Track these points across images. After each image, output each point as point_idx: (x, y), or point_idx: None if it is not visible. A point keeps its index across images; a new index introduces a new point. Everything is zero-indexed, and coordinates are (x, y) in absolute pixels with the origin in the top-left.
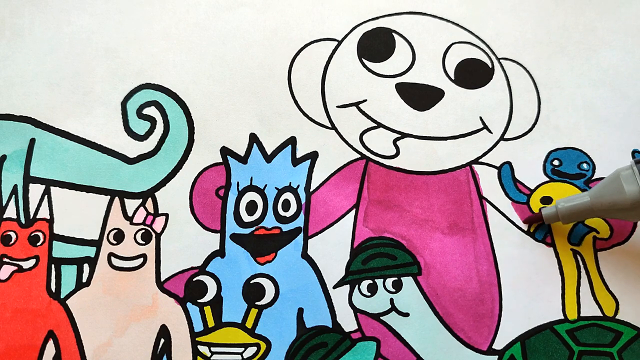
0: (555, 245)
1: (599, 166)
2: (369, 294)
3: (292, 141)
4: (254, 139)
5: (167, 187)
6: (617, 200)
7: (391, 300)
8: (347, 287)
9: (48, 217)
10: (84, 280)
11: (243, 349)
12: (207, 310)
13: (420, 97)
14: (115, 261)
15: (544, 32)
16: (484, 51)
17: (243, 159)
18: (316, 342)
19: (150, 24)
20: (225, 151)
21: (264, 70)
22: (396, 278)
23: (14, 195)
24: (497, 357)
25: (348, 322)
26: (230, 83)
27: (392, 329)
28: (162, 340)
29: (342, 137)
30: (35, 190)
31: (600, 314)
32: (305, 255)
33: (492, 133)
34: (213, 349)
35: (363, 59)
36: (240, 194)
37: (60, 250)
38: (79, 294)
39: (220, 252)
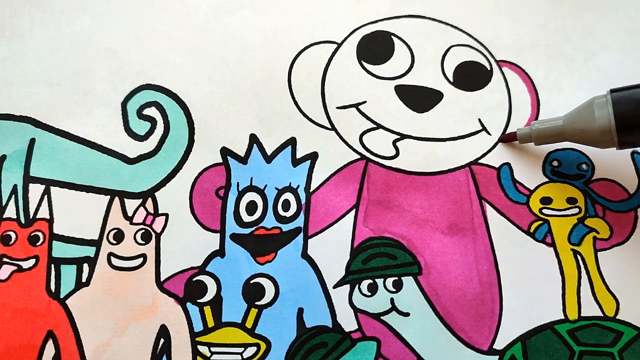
0: (556, 245)
1: (598, 167)
2: (369, 294)
3: (292, 142)
4: (254, 139)
5: (167, 187)
6: (588, 127)
7: (391, 300)
8: (347, 287)
9: (48, 217)
10: (84, 280)
11: (243, 349)
12: (207, 310)
13: (419, 99)
14: (115, 261)
15: (542, 35)
16: (482, 54)
17: (243, 160)
18: (316, 342)
19: (150, 25)
20: (225, 151)
21: (264, 72)
22: (396, 278)
23: (13, 195)
24: (497, 357)
25: (348, 322)
26: (231, 84)
27: (393, 329)
28: (162, 340)
29: (342, 138)
30: (35, 190)
31: (600, 314)
32: (305, 255)
33: (490, 134)
34: (213, 349)
35: (362, 62)
36: (240, 194)
37: (60, 250)
38: (78, 294)
39: (220, 252)
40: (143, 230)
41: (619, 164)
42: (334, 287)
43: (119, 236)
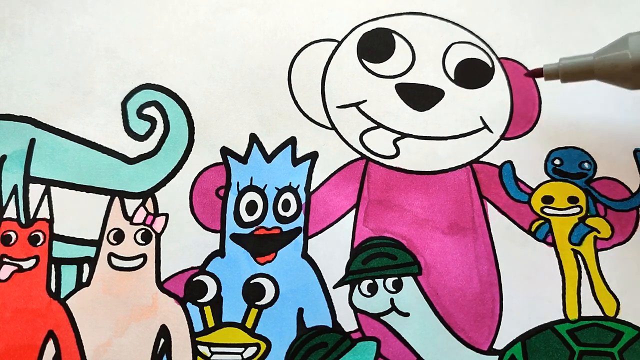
0: (556, 245)
1: (600, 165)
2: (369, 294)
3: (292, 141)
4: (254, 139)
5: (167, 187)
6: (620, 62)
7: (391, 300)
8: (347, 287)
9: (48, 217)
10: (84, 280)
11: (243, 349)
12: (207, 310)
13: (420, 97)
14: (115, 261)
15: (545, 32)
16: (484, 51)
17: (243, 159)
18: (316, 342)
19: (150, 24)
20: (225, 151)
21: (264, 71)
22: (396, 278)
23: (14, 195)
24: (497, 357)
25: (348, 322)
26: (231, 83)
27: (393, 329)
28: (162, 340)
29: (342, 137)
30: (35, 190)
31: (601, 314)
32: (305, 255)
33: (492, 132)
34: (213, 349)
35: (363, 60)
36: (240, 194)
37: (60, 250)
38: (78, 294)
39: (220, 252)
40: (143, 230)
41: (621, 162)
42: (334, 287)
43: (119, 236)
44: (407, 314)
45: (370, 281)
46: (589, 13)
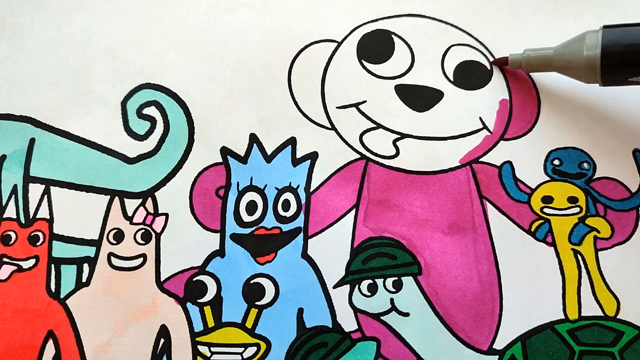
0: (556, 245)
1: (599, 166)
2: (369, 294)
3: (292, 141)
4: (254, 139)
5: (167, 187)
6: (575, 58)
7: (391, 300)
8: (347, 287)
9: (48, 217)
10: (84, 280)
11: (243, 349)
12: (207, 310)
13: (420, 98)
14: (115, 261)
15: (543, 35)
16: (482, 53)
17: (243, 159)
18: (316, 342)
19: (150, 24)
20: (225, 151)
21: (264, 71)
22: (396, 278)
23: (13, 195)
24: (497, 357)
25: (348, 322)
26: (231, 83)
27: (393, 329)
28: (162, 340)
29: (342, 137)
30: (35, 190)
31: (601, 314)
32: (305, 255)
33: (491, 133)
34: (213, 349)
35: (362, 61)
36: (240, 194)
37: (60, 250)
38: (78, 294)
39: (220, 252)
40: (143, 230)
41: (620, 162)
42: (334, 287)
43: (119, 236)
44: (407, 314)
45: (370, 281)
46: (587, 16)
